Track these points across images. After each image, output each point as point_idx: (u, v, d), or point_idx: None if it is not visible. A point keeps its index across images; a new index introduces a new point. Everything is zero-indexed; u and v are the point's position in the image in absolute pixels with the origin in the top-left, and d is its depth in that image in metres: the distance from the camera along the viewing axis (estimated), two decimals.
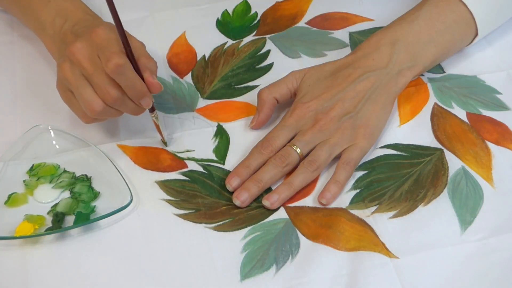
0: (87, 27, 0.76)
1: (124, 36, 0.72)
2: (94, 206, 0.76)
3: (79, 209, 0.75)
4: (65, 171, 0.79)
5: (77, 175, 0.78)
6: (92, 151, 0.80)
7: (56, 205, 0.76)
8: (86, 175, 0.78)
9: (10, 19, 0.94)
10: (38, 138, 0.81)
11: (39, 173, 0.78)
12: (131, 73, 0.72)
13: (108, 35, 0.73)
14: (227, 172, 0.79)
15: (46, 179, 0.78)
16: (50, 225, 0.74)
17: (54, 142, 0.81)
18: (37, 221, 0.74)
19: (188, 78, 0.89)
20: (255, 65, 0.90)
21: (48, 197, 0.77)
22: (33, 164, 0.79)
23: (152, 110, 0.79)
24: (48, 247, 0.73)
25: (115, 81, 0.72)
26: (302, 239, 0.73)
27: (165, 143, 0.82)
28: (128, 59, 0.72)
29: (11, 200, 0.76)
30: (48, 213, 0.75)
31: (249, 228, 0.74)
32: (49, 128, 0.81)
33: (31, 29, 0.87)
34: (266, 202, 0.76)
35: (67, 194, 0.77)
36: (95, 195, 0.77)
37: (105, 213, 0.74)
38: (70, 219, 0.75)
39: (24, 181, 0.78)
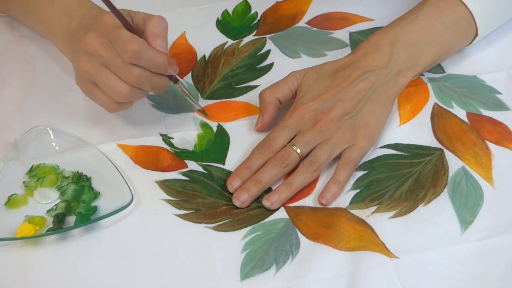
0: (95, 19, 0.76)
1: (119, 14, 0.73)
2: (96, 206, 0.76)
3: (79, 209, 0.75)
4: (65, 171, 0.79)
5: (77, 175, 0.78)
6: (92, 151, 0.80)
7: (56, 205, 0.76)
8: (86, 175, 0.78)
9: (10, 18, 0.94)
10: (37, 139, 0.81)
11: (38, 174, 0.78)
12: (148, 53, 0.73)
13: (114, 21, 0.73)
14: (227, 172, 0.79)
15: (46, 180, 0.78)
16: (51, 225, 0.74)
17: (53, 143, 0.81)
18: (38, 222, 0.74)
19: (188, 78, 0.89)
20: (255, 65, 0.90)
21: (48, 198, 0.77)
22: (32, 165, 0.79)
23: (175, 81, 0.79)
24: (49, 247, 0.73)
25: None
26: (302, 239, 0.73)
27: (202, 111, 0.83)
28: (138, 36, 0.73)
29: (11, 201, 0.76)
30: (48, 214, 0.75)
31: (249, 228, 0.74)
32: (49, 129, 0.81)
33: (39, 32, 0.87)
34: (266, 202, 0.75)
35: (67, 194, 0.77)
36: (95, 195, 0.77)
37: (106, 213, 0.74)
38: (71, 220, 0.75)
39: (23, 182, 0.78)
